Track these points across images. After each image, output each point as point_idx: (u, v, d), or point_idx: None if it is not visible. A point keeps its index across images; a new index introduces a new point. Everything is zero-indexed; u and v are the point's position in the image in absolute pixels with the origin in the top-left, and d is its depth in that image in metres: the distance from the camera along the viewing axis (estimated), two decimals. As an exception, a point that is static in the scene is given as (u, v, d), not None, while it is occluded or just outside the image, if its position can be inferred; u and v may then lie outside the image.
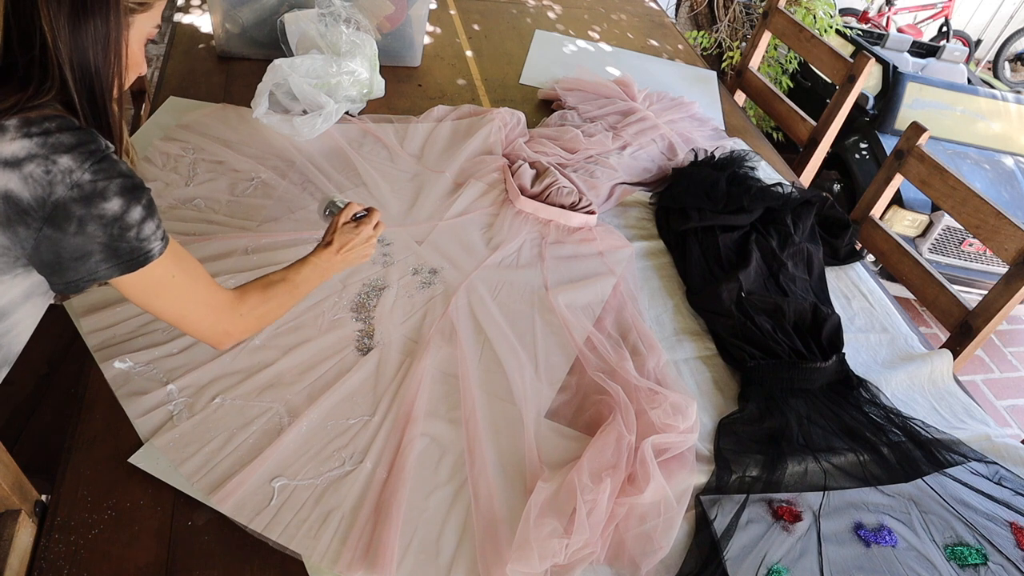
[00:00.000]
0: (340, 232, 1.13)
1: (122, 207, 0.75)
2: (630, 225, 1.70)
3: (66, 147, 0.73)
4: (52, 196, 0.72)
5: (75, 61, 0.75)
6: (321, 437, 1.08)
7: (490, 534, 0.99)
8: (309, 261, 1.08)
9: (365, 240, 1.15)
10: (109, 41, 0.78)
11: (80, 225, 0.73)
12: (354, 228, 1.14)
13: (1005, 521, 1.15)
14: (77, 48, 0.75)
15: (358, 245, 1.14)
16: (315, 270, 1.08)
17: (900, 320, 1.57)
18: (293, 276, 1.04)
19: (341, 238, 1.12)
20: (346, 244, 1.12)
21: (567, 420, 1.19)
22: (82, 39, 0.75)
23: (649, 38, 2.72)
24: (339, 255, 1.11)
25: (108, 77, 0.79)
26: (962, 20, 6.27)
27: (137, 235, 0.78)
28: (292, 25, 1.81)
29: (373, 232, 1.16)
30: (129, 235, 0.77)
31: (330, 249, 1.11)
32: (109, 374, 1.10)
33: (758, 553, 1.04)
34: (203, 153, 1.59)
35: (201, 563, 0.92)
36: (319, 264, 1.09)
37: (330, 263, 1.10)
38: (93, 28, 0.75)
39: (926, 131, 1.68)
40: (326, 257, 1.10)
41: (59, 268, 0.76)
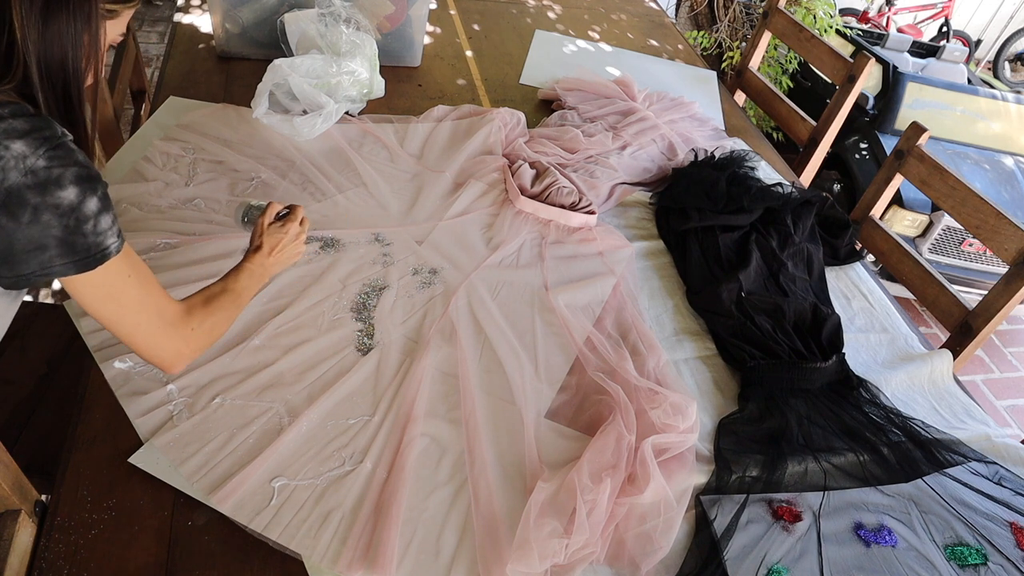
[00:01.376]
0: (268, 233, 1.11)
1: (78, 196, 0.73)
2: (630, 225, 1.70)
3: (19, 133, 0.71)
4: (5, 182, 0.69)
5: (43, 57, 0.75)
6: (321, 437, 1.08)
7: (490, 534, 0.99)
8: (244, 268, 1.05)
9: (295, 237, 1.13)
10: (80, 40, 0.77)
11: (35, 214, 0.71)
12: (280, 228, 1.12)
13: (1005, 521, 1.15)
14: (46, 45, 0.74)
15: (288, 244, 1.12)
16: (251, 276, 1.05)
17: (900, 320, 1.57)
18: (232, 285, 1.01)
19: (270, 239, 1.10)
20: (276, 245, 1.10)
21: (567, 420, 1.19)
22: (52, 36, 0.75)
23: (649, 38, 2.72)
24: (271, 257, 1.09)
25: (78, 75, 0.79)
26: (962, 20, 6.27)
27: (94, 228, 0.75)
28: (292, 25, 1.81)
29: (300, 228, 1.15)
30: (85, 227, 0.74)
31: (261, 252, 1.08)
32: (109, 374, 1.10)
33: (758, 553, 1.04)
34: (203, 153, 1.59)
35: (201, 563, 0.92)
36: (254, 270, 1.06)
37: (264, 266, 1.08)
38: (65, 26, 0.75)
39: (926, 131, 1.68)
40: (259, 261, 1.07)
41: (11, 259, 0.73)
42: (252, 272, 1.06)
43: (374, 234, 1.47)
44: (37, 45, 0.74)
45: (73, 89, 0.79)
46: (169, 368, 0.91)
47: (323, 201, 1.53)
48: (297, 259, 1.17)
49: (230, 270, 1.05)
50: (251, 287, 1.05)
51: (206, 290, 0.98)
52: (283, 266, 1.13)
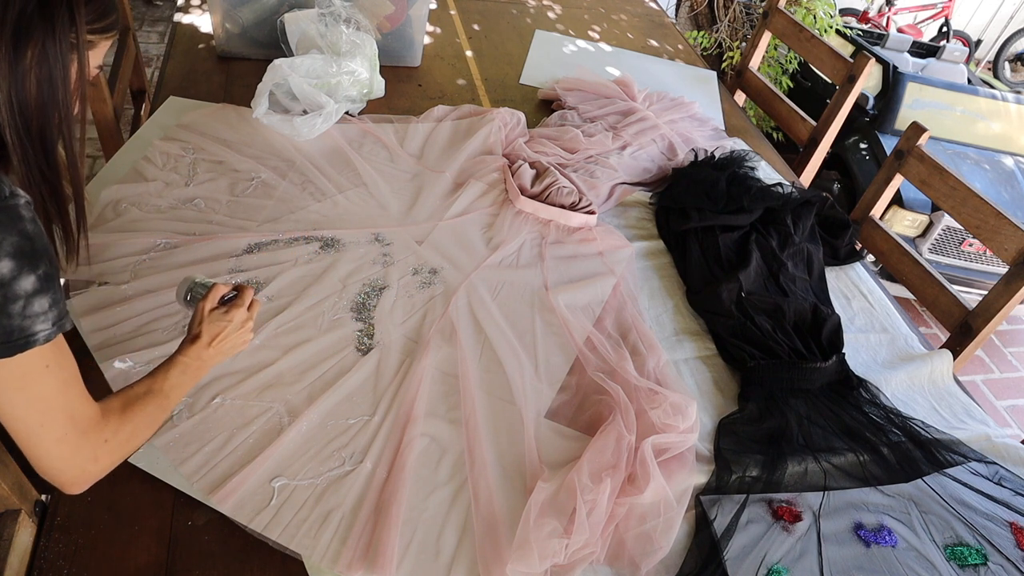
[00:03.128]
0: (208, 321, 0.96)
1: (11, 271, 0.64)
2: (630, 225, 1.70)
3: None
4: None
5: (13, 94, 0.67)
6: (321, 437, 1.08)
7: (490, 534, 0.99)
8: (177, 362, 0.91)
9: (240, 325, 0.98)
10: (55, 74, 0.70)
11: None
12: (224, 314, 0.97)
13: (1005, 521, 1.15)
14: (16, 79, 0.67)
15: (231, 334, 0.97)
16: (185, 372, 0.91)
17: (900, 320, 1.57)
18: (160, 384, 0.87)
19: (211, 328, 0.95)
20: (218, 335, 0.95)
21: (567, 420, 1.19)
22: (23, 69, 0.68)
23: (649, 38, 2.72)
24: (211, 348, 0.95)
25: (49, 114, 0.71)
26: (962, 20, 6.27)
27: (23, 310, 0.66)
28: (292, 25, 1.81)
29: (248, 314, 1.00)
30: (12, 308, 0.65)
31: (200, 343, 0.94)
32: (109, 374, 1.10)
33: (758, 553, 1.04)
34: (203, 153, 1.59)
35: (201, 563, 0.92)
36: (189, 363, 0.92)
37: (201, 360, 0.93)
38: (38, 59, 0.68)
39: (926, 131, 1.68)
40: (195, 353, 0.93)
41: None
42: (186, 367, 0.92)
43: (374, 234, 1.47)
44: (6, 80, 0.67)
45: (48, 130, 0.72)
46: (68, 487, 0.76)
47: (323, 201, 1.53)
48: (244, 348, 1.02)
49: (160, 365, 0.90)
50: (183, 384, 0.91)
51: (128, 390, 0.85)
52: (225, 357, 0.98)
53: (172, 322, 1.19)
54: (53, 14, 0.70)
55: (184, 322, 1.20)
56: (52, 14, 0.70)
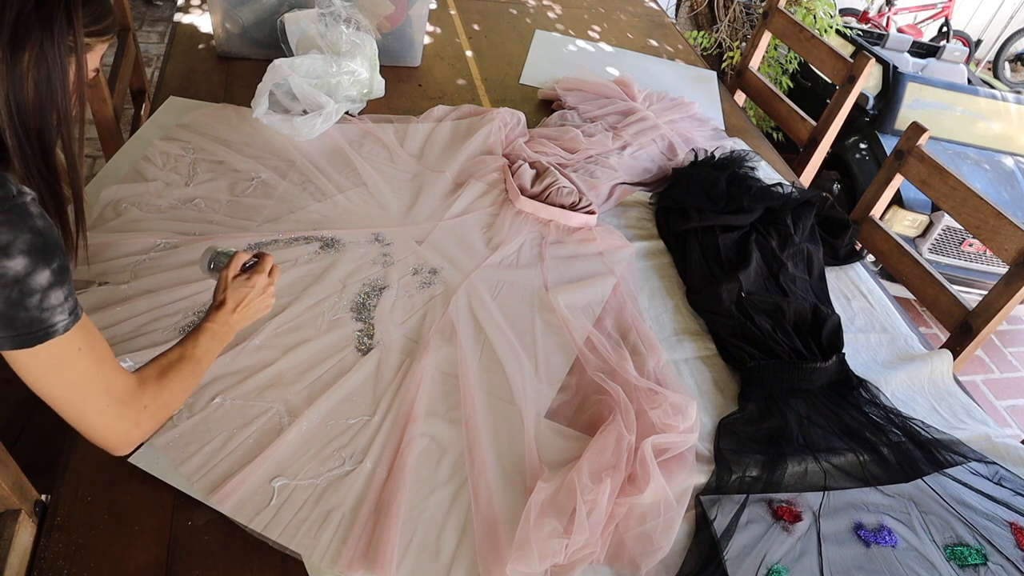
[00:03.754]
0: (232, 288, 1.00)
1: (26, 268, 0.67)
2: (630, 225, 1.70)
3: None
4: None
5: (12, 96, 0.68)
6: (321, 437, 1.08)
7: (490, 534, 0.99)
8: (205, 329, 0.95)
9: (262, 291, 1.03)
10: (54, 76, 0.71)
11: None
12: (246, 281, 1.01)
13: (1005, 521, 1.15)
14: (14, 81, 0.68)
15: (254, 299, 1.02)
16: (214, 337, 0.95)
17: (900, 320, 1.57)
18: (191, 351, 0.91)
19: (235, 294, 1.00)
20: (242, 300, 1.00)
21: (567, 420, 1.19)
22: (20, 71, 0.68)
23: (649, 38, 2.72)
24: (236, 314, 0.99)
25: (47, 116, 0.72)
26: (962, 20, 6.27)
27: (40, 303, 0.68)
28: (292, 25, 1.81)
29: (270, 279, 1.04)
30: (30, 302, 0.68)
31: (225, 309, 0.98)
32: (109, 374, 1.10)
33: (758, 553, 1.04)
34: (203, 153, 1.59)
35: (201, 563, 0.92)
36: (217, 330, 0.96)
37: (228, 325, 0.98)
38: (36, 60, 0.69)
39: (926, 131, 1.68)
40: (222, 319, 0.97)
41: None
42: (215, 333, 0.96)
43: (374, 234, 1.48)
44: (4, 82, 0.68)
45: (47, 131, 0.73)
46: (115, 450, 0.83)
47: (323, 201, 1.53)
48: (266, 312, 1.07)
49: (189, 332, 0.95)
50: (213, 349, 0.95)
51: (161, 358, 0.89)
52: (249, 322, 1.03)
53: (172, 322, 1.19)
54: (51, 16, 0.70)
55: (184, 323, 1.20)
56: (50, 16, 0.70)
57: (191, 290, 1.25)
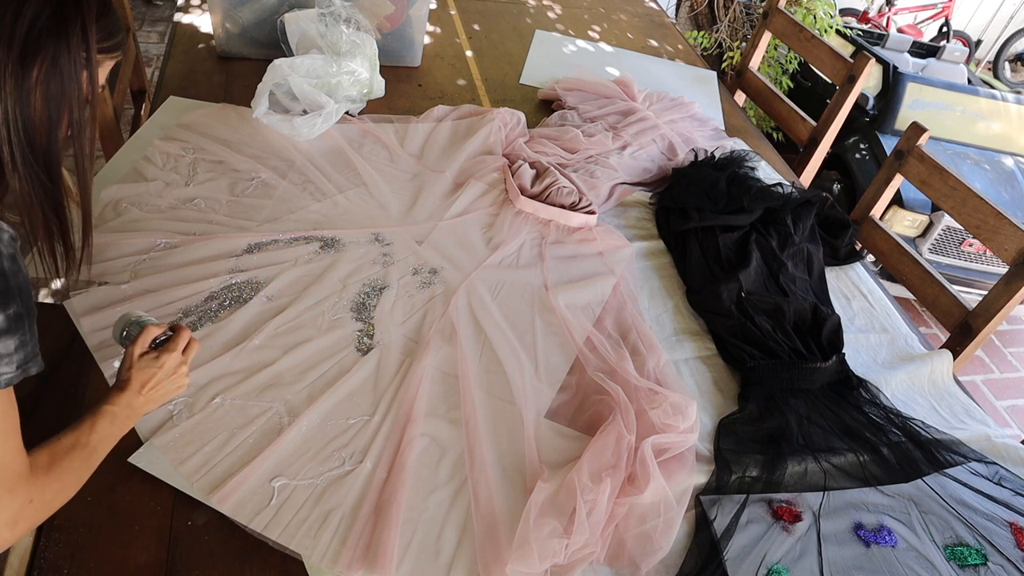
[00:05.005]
0: (137, 367, 0.90)
1: None
2: (630, 225, 1.70)
3: None
4: None
5: (18, 112, 0.66)
6: (321, 437, 1.08)
7: (490, 534, 0.99)
8: (104, 412, 0.84)
9: (172, 371, 0.92)
10: (64, 92, 0.69)
11: None
12: (154, 360, 0.91)
13: (1005, 521, 1.15)
14: (22, 96, 0.66)
15: (163, 380, 0.91)
16: (113, 422, 0.85)
17: (900, 320, 1.57)
18: (86, 437, 0.81)
19: (140, 375, 0.89)
20: (147, 381, 0.90)
21: (567, 420, 1.19)
22: (29, 87, 0.66)
23: (649, 38, 2.72)
24: (141, 396, 0.89)
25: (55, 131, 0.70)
26: (962, 20, 6.27)
27: None
28: (292, 25, 1.81)
29: (183, 357, 0.94)
30: None
31: (128, 391, 0.88)
32: (109, 374, 1.10)
33: (758, 553, 1.04)
34: (203, 153, 1.59)
35: (201, 563, 0.92)
36: (117, 413, 0.86)
37: (131, 408, 0.88)
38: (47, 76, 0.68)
39: (926, 131, 1.68)
40: (125, 402, 0.87)
41: None
42: (114, 417, 0.85)
43: (374, 234, 1.48)
44: (12, 96, 0.65)
45: (53, 147, 0.71)
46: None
47: (323, 201, 1.53)
48: (179, 393, 0.96)
49: (87, 415, 0.84)
50: (112, 435, 0.85)
51: (55, 442, 0.79)
52: (157, 404, 0.93)
53: (171, 322, 1.19)
54: (66, 30, 0.69)
55: (183, 323, 1.20)
56: (65, 30, 0.69)
57: (191, 290, 1.25)
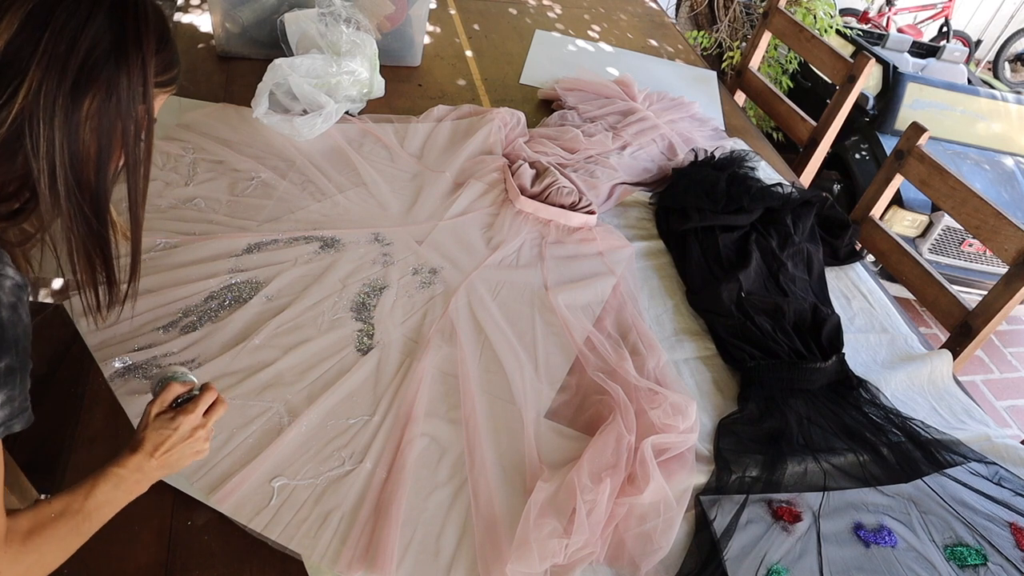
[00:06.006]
0: (152, 427, 0.82)
1: None
2: (630, 225, 1.70)
3: None
4: None
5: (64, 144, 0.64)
6: (321, 437, 1.08)
7: (490, 534, 0.99)
8: (110, 475, 0.76)
9: (187, 435, 0.83)
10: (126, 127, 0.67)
11: None
12: (170, 420, 0.83)
13: (1005, 521, 1.15)
14: (70, 131, 0.64)
15: (177, 444, 0.82)
16: (119, 486, 0.77)
17: (900, 320, 1.57)
18: (80, 503, 0.73)
19: (154, 436, 0.81)
20: (161, 444, 0.81)
21: (567, 420, 1.19)
22: (76, 121, 0.64)
23: (649, 38, 2.72)
24: (155, 459, 0.80)
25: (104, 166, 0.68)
26: (962, 20, 6.27)
27: None
28: (292, 25, 1.81)
29: (203, 420, 0.86)
30: None
31: (140, 453, 0.80)
32: (109, 374, 1.10)
33: (758, 553, 1.04)
34: (203, 153, 1.59)
35: (201, 563, 0.92)
36: (125, 477, 0.78)
37: (141, 472, 0.79)
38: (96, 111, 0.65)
39: (926, 131, 1.68)
40: (135, 465, 0.79)
41: None
42: (120, 481, 0.77)
43: (374, 234, 1.47)
44: (62, 130, 0.63)
45: (102, 181, 0.68)
46: None
47: (323, 201, 1.53)
48: (198, 458, 0.87)
49: (92, 475, 0.76)
50: (114, 502, 0.77)
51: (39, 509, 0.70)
52: (172, 470, 0.84)
53: (171, 322, 1.19)
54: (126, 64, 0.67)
55: (184, 322, 1.20)
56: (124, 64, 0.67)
57: (191, 290, 1.25)
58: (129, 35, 0.67)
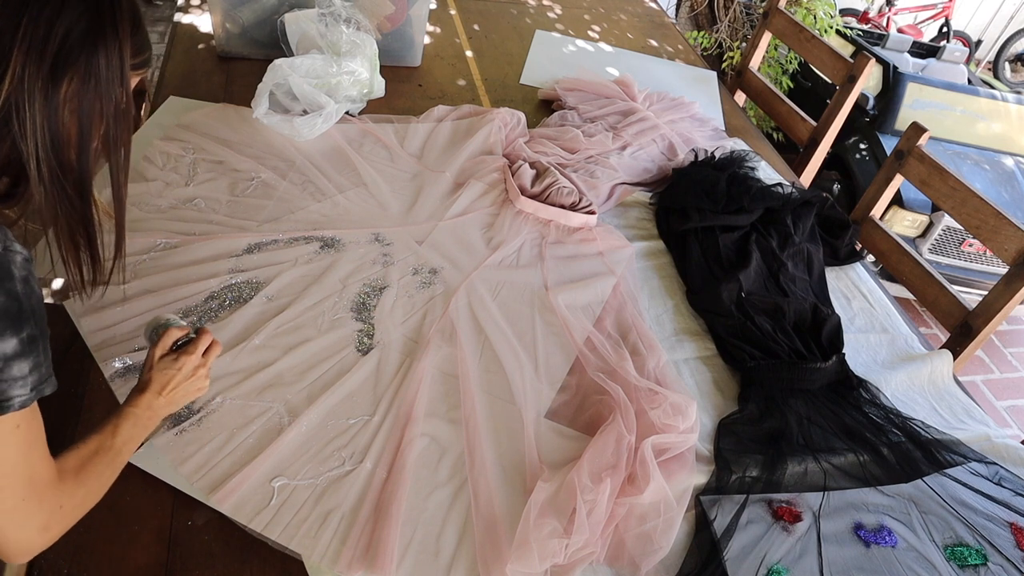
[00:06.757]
0: (157, 369, 0.91)
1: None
2: (630, 225, 1.70)
3: None
4: None
5: (46, 126, 0.65)
6: (321, 437, 1.08)
7: (490, 534, 0.99)
8: (127, 414, 0.86)
9: (190, 373, 0.92)
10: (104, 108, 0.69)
11: None
12: (173, 361, 0.91)
13: (1005, 521, 1.15)
14: (50, 113, 0.65)
15: (181, 382, 0.91)
16: (136, 424, 0.86)
17: (900, 320, 1.57)
18: (110, 440, 0.82)
19: (159, 376, 0.90)
20: (167, 384, 0.90)
21: (567, 420, 1.19)
22: (55, 103, 0.65)
23: (649, 38, 2.72)
24: (162, 397, 0.90)
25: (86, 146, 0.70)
26: (962, 20, 6.27)
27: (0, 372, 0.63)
28: (292, 25, 1.81)
29: (202, 360, 0.94)
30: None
31: (148, 392, 0.89)
32: (109, 374, 1.10)
33: (758, 553, 1.04)
34: (203, 153, 1.59)
35: (201, 563, 0.92)
36: (140, 415, 0.87)
37: (151, 409, 0.89)
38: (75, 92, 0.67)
39: (926, 131, 1.68)
40: (145, 403, 0.88)
41: None
42: (137, 419, 0.86)
43: (374, 234, 1.48)
44: (42, 112, 0.64)
45: (84, 162, 0.70)
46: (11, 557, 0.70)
47: (323, 201, 1.53)
48: (199, 395, 0.96)
49: (110, 417, 0.85)
50: (135, 437, 0.86)
51: (81, 447, 0.79)
52: (178, 406, 0.94)
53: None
54: (103, 47, 0.68)
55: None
56: (102, 47, 0.68)
57: (191, 290, 1.25)
58: (106, 18, 0.68)
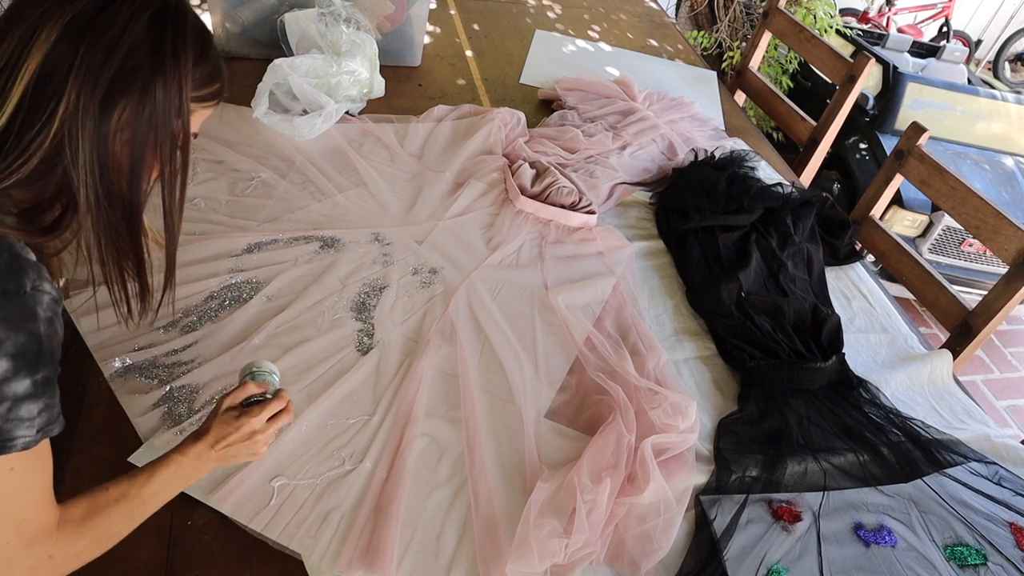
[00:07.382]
0: (219, 420, 0.86)
1: (5, 373, 0.60)
2: (630, 225, 1.70)
3: None
4: None
5: (95, 155, 0.63)
6: (321, 437, 1.08)
7: (490, 534, 0.99)
8: (170, 460, 0.81)
9: (246, 437, 0.86)
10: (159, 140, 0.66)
11: None
12: (235, 418, 0.87)
13: (1005, 521, 1.15)
14: (99, 141, 0.63)
15: (237, 442, 0.86)
16: (177, 472, 0.81)
17: (900, 320, 1.57)
18: (138, 489, 0.76)
19: (218, 429, 0.85)
20: (223, 438, 0.85)
21: (567, 420, 1.19)
22: (105, 131, 0.63)
23: (649, 38, 2.72)
24: (215, 451, 0.84)
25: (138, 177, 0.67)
26: (962, 20, 6.27)
27: (7, 413, 0.60)
28: (292, 25, 1.81)
29: (264, 426, 0.88)
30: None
31: (203, 442, 0.84)
32: (109, 373, 1.10)
33: (758, 553, 1.04)
34: (203, 153, 1.59)
35: (201, 563, 0.92)
36: (184, 464, 0.82)
37: (200, 460, 0.83)
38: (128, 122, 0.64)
39: (926, 131, 1.68)
40: (196, 452, 0.83)
41: None
42: (179, 468, 0.81)
43: (374, 234, 1.48)
44: (92, 142, 0.62)
45: (136, 192, 0.67)
46: None
47: (323, 201, 1.53)
48: (254, 459, 0.91)
49: (151, 462, 0.81)
50: (168, 489, 0.80)
51: (98, 494, 0.74)
52: (226, 464, 0.88)
53: (171, 322, 1.19)
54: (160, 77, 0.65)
55: (184, 321, 1.20)
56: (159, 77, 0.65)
57: (191, 290, 1.25)
58: (167, 46, 0.66)
